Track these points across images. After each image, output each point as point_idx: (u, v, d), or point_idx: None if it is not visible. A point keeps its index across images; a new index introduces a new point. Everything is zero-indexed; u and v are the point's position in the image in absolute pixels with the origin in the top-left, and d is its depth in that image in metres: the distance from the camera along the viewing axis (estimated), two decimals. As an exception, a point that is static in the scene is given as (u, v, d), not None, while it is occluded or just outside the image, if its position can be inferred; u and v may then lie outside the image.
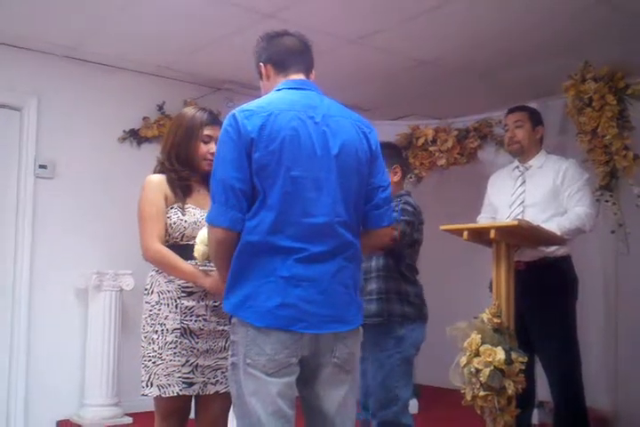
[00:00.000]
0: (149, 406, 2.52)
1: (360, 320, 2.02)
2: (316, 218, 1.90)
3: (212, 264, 2.31)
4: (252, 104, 1.96)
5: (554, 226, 2.96)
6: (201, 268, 2.35)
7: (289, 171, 1.88)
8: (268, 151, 1.87)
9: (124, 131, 4.79)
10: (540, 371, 3.17)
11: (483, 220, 3.36)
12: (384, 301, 2.87)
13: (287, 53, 2.08)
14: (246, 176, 1.88)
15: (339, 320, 1.94)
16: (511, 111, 3.37)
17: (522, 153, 3.27)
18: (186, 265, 2.33)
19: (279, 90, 2.03)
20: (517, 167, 3.31)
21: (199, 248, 2.27)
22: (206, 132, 2.46)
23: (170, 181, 2.44)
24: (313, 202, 1.90)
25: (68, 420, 4.29)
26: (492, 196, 3.40)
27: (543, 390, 3.39)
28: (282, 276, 1.87)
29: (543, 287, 3.05)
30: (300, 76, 2.07)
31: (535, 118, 3.31)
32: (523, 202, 3.17)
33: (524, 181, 3.23)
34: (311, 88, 2.06)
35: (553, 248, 3.06)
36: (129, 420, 4.29)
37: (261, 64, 2.11)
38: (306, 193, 1.90)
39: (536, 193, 3.15)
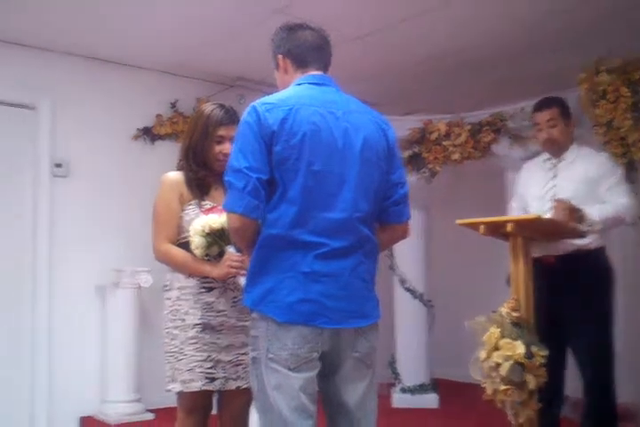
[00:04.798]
0: (171, 402, 2.54)
1: (378, 315, 2.03)
2: (336, 213, 1.91)
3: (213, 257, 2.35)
4: (273, 97, 1.96)
5: (594, 211, 2.88)
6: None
7: (311, 165, 1.88)
8: (289, 145, 1.88)
9: (138, 129, 4.82)
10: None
11: (514, 209, 3.31)
12: None
13: (307, 49, 2.07)
14: (265, 167, 1.88)
15: (359, 315, 1.95)
16: (540, 109, 3.21)
17: (560, 150, 3.19)
18: (191, 261, 2.36)
19: (299, 84, 2.03)
20: (549, 159, 3.23)
21: (195, 240, 2.30)
22: (220, 132, 2.45)
23: (187, 180, 2.46)
24: (334, 197, 1.91)
25: (92, 416, 4.33)
26: (521, 187, 3.33)
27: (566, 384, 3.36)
28: (302, 271, 1.88)
29: (576, 278, 2.99)
30: (319, 72, 2.08)
31: (566, 111, 3.20)
32: (554, 196, 3.08)
33: (555, 175, 3.16)
34: (330, 84, 2.06)
35: (587, 241, 2.97)
36: (151, 416, 4.33)
37: (280, 56, 2.10)
38: (327, 188, 1.91)
39: (568, 187, 3.07)
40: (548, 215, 3.03)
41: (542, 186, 3.17)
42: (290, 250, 1.89)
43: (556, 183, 3.14)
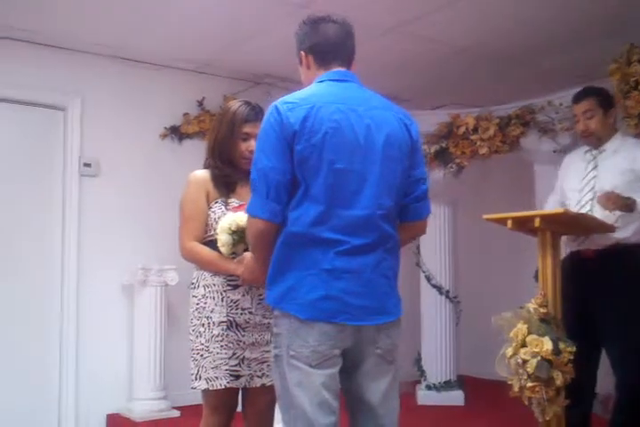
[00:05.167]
0: (196, 399, 2.56)
1: (400, 311, 2.02)
2: (358, 210, 1.91)
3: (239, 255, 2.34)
4: (295, 96, 1.96)
5: None
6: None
7: (332, 164, 1.88)
8: (310, 144, 1.88)
9: (166, 127, 4.84)
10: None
11: (551, 202, 3.26)
12: None
13: (328, 45, 2.06)
14: (287, 167, 1.89)
15: (380, 312, 1.95)
16: (578, 100, 3.15)
17: (599, 141, 3.12)
18: (217, 258, 2.37)
19: (321, 81, 2.03)
20: (590, 151, 3.15)
21: (221, 237, 2.31)
22: (245, 129, 2.45)
23: (214, 178, 2.47)
24: (356, 194, 1.91)
25: (118, 413, 4.37)
26: (561, 179, 3.27)
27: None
28: (324, 268, 1.87)
29: (614, 274, 2.93)
30: (342, 68, 2.06)
31: (605, 102, 3.12)
32: (593, 188, 3.02)
33: (595, 166, 3.08)
34: (353, 80, 2.06)
35: (627, 234, 2.91)
36: (177, 413, 4.35)
37: (302, 53, 2.10)
38: (349, 186, 1.90)
39: (608, 178, 2.98)
40: (586, 208, 2.98)
41: (582, 178, 3.10)
42: (310, 247, 1.89)
43: (596, 174, 3.06)
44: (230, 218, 2.30)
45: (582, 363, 2.56)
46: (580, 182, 3.09)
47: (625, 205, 2.80)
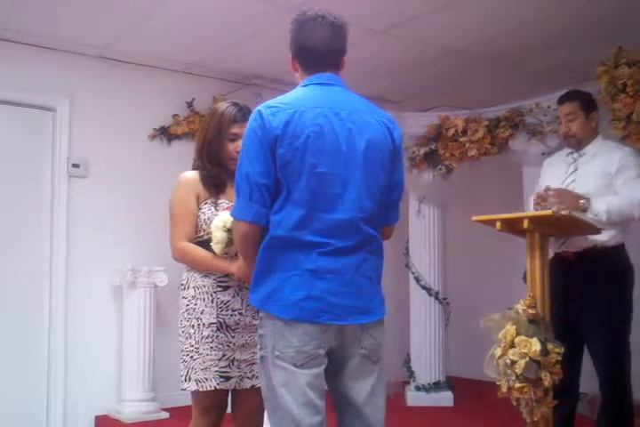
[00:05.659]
0: (185, 401, 2.56)
1: (383, 311, 2.04)
2: (340, 214, 1.92)
3: (230, 256, 2.35)
4: (278, 100, 1.97)
5: (600, 202, 2.85)
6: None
7: (314, 168, 1.90)
8: (292, 148, 1.89)
9: (155, 128, 4.84)
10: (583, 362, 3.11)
11: (532, 203, 3.29)
12: None
13: (313, 52, 2.04)
14: (270, 171, 1.90)
15: (363, 311, 1.96)
16: (561, 102, 3.21)
17: (579, 144, 3.15)
18: (209, 257, 2.37)
19: (305, 86, 2.04)
20: (571, 153, 3.19)
21: (216, 235, 2.31)
22: (233, 130, 2.46)
23: (203, 179, 2.47)
24: (337, 198, 1.92)
25: (107, 415, 4.36)
26: (543, 181, 3.30)
27: (582, 381, 3.34)
28: (307, 269, 1.89)
29: (593, 276, 2.95)
30: (327, 72, 2.06)
31: (588, 106, 3.16)
32: (573, 190, 3.01)
33: (575, 169, 3.12)
34: (337, 84, 2.06)
35: (605, 237, 2.92)
36: (166, 415, 4.34)
37: (290, 54, 2.10)
38: (331, 189, 1.92)
39: (586, 182, 3.01)
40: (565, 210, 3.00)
41: (561, 180, 3.12)
42: (293, 250, 1.91)
43: (575, 178, 3.09)
44: (224, 216, 2.31)
45: (567, 364, 2.58)
46: (559, 185, 3.12)
47: (575, 205, 2.82)
